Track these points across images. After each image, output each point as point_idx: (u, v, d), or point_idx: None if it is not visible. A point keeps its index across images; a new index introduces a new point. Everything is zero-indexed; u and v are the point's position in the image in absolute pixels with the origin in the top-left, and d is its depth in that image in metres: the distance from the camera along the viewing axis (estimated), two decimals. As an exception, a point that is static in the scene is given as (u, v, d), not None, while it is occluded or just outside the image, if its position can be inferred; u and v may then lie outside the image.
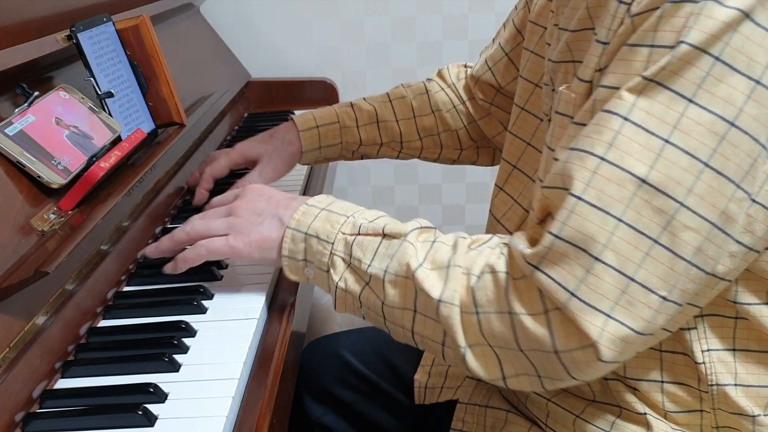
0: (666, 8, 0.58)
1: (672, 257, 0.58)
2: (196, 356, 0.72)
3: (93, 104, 0.90)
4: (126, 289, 0.86)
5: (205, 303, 0.81)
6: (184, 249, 0.84)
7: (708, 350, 0.68)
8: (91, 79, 0.92)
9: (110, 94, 0.94)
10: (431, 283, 0.66)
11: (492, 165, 1.17)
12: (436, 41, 1.81)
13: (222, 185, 1.08)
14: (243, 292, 0.84)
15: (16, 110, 0.78)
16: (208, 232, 0.81)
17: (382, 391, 0.99)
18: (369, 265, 0.71)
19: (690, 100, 0.57)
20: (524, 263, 0.62)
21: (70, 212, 0.78)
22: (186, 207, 1.09)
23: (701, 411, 0.71)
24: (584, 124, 0.62)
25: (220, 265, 0.90)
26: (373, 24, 1.79)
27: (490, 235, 0.71)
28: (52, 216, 0.76)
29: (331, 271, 0.74)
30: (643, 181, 0.57)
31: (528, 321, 0.61)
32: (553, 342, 0.60)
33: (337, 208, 0.77)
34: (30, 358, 0.66)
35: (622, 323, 0.58)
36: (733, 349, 0.68)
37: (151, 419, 0.63)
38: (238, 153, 1.10)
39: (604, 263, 0.58)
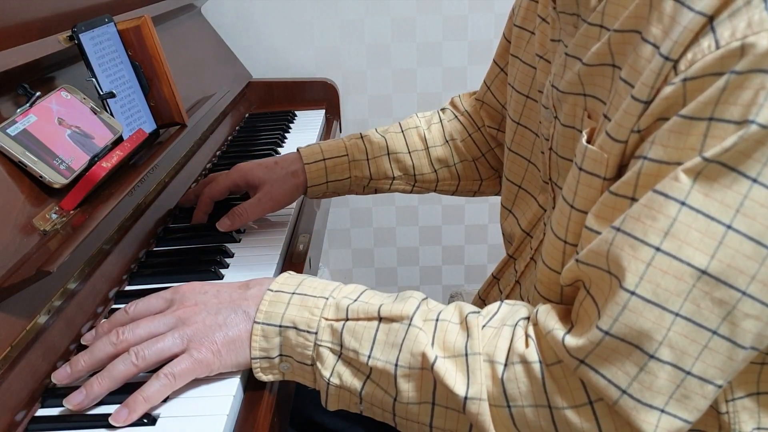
0: (731, 79, 0.51)
1: (731, 347, 0.54)
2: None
3: (95, 104, 0.90)
4: (128, 288, 0.86)
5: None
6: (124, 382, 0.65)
7: (733, 400, 0.64)
8: (93, 79, 0.92)
9: (112, 95, 0.94)
10: (452, 376, 0.60)
11: None
12: (436, 41, 1.81)
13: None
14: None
15: (18, 110, 0.78)
16: (162, 355, 0.65)
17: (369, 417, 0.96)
18: (369, 357, 0.63)
19: (754, 180, 0.51)
20: (566, 355, 0.57)
21: (72, 212, 0.78)
22: (187, 207, 1.10)
23: None
24: (626, 197, 0.57)
25: (221, 264, 0.90)
26: (373, 24, 1.79)
27: (497, 305, 0.65)
28: (54, 216, 0.76)
29: (318, 365, 0.64)
30: (704, 272, 0.53)
31: (571, 415, 0.57)
32: None
33: (309, 290, 0.67)
34: (32, 358, 0.67)
35: (677, 417, 0.55)
36: (757, 393, 0.64)
37: (151, 419, 0.63)
38: (240, 175, 1.02)
39: (659, 360, 0.54)
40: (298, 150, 1.04)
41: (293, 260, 0.96)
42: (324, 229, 1.31)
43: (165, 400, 0.65)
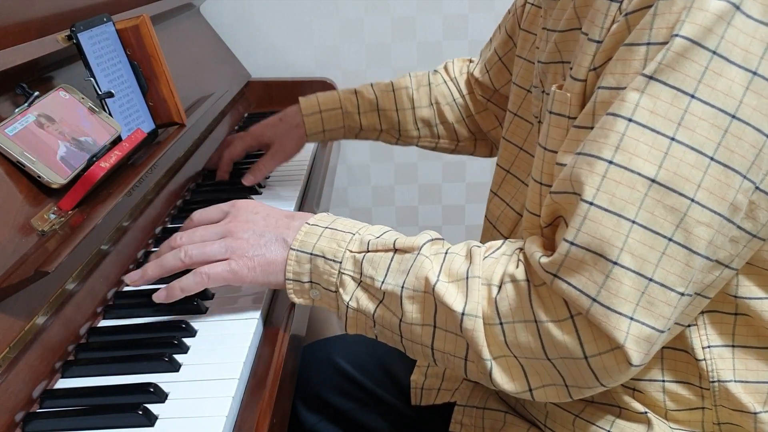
0: (659, 5, 0.58)
1: (687, 253, 0.59)
2: (196, 356, 0.72)
3: (93, 104, 0.90)
4: (126, 289, 0.86)
5: (206, 303, 0.81)
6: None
7: (708, 347, 0.69)
8: (92, 79, 0.92)
9: (110, 94, 0.94)
10: (452, 296, 0.65)
11: (490, 156, 1.21)
12: (436, 41, 1.81)
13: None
14: (243, 290, 0.84)
15: (17, 110, 0.78)
16: (206, 258, 0.75)
17: (378, 398, 0.99)
18: (383, 282, 0.70)
19: (692, 96, 0.57)
20: (542, 272, 0.62)
21: (70, 212, 0.78)
22: (186, 207, 1.10)
23: (702, 408, 0.71)
24: (586, 127, 0.63)
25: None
26: (373, 24, 1.79)
27: (501, 241, 0.71)
28: (53, 216, 0.76)
29: (340, 290, 0.72)
30: (653, 180, 0.58)
31: (554, 328, 0.61)
32: (582, 348, 0.60)
33: (341, 226, 0.75)
34: (30, 358, 0.66)
35: (645, 324, 0.59)
36: (732, 345, 0.69)
37: (151, 419, 0.63)
38: (253, 136, 1.22)
39: (622, 266, 0.58)
40: (298, 100, 1.19)
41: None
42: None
43: (164, 400, 0.65)
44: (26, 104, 0.80)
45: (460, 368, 0.68)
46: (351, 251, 0.72)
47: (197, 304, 0.79)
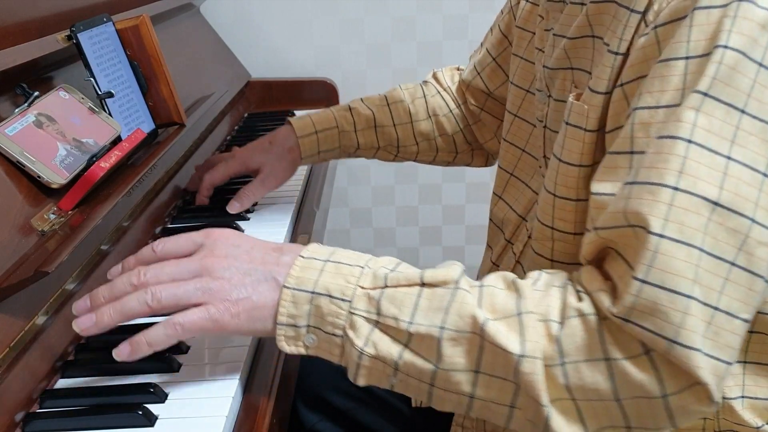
0: (695, 15, 0.56)
1: (750, 277, 0.55)
2: (196, 356, 0.72)
3: (93, 104, 0.90)
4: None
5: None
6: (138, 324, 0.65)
7: None
8: (91, 79, 0.92)
9: (110, 94, 0.94)
10: (504, 336, 0.58)
11: (486, 166, 1.18)
12: (436, 41, 1.81)
13: (223, 192, 1.09)
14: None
15: (17, 110, 0.78)
16: (178, 302, 0.62)
17: (379, 398, 0.98)
18: (410, 323, 0.60)
19: (743, 111, 0.55)
20: (610, 315, 0.57)
21: (70, 212, 0.78)
22: (186, 207, 1.10)
23: (704, 419, 0.69)
24: (625, 152, 0.59)
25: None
26: (373, 24, 1.79)
27: (538, 273, 0.64)
28: (52, 216, 0.76)
29: (350, 334, 0.61)
30: (716, 204, 0.55)
31: (629, 366, 0.56)
32: (660, 385, 0.56)
33: (344, 258, 0.64)
34: (30, 358, 0.66)
35: (713, 356, 0.55)
36: (744, 362, 0.66)
37: (151, 419, 0.63)
38: (239, 162, 1.08)
39: (695, 299, 0.54)
40: (289, 122, 1.09)
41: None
42: (323, 229, 1.30)
43: (164, 401, 0.65)
44: (26, 104, 0.80)
45: (503, 417, 0.60)
46: (363, 287, 0.62)
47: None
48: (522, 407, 0.59)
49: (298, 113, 1.66)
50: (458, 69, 1.17)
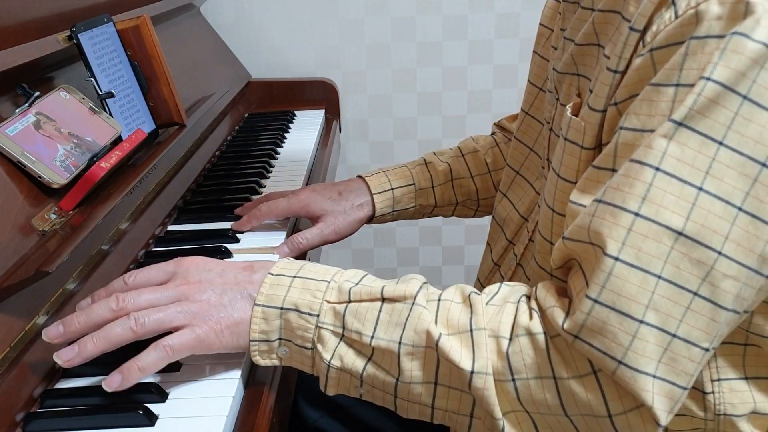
0: (692, 44, 0.55)
1: (713, 308, 0.56)
2: (196, 355, 0.72)
3: (94, 104, 0.90)
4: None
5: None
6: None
7: (718, 380, 0.65)
8: (92, 79, 0.92)
9: (111, 95, 0.94)
10: (457, 352, 0.60)
11: None
12: (436, 41, 1.81)
13: (223, 192, 1.07)
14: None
15: (17, 110, 0.78)
16: (162, 326, 0.64)
17: None
18: (372, 337, 0.63)
19: (720, 143, 0.54)
20: (562, 331, 0.58)
21: (70, 212, 0.78)
22: (187, 207, 1.10)
23: (705, 423, 0.68)
24: (606, 169, 0.60)
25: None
26: (373, 24, 1.79)
27: (497, 285, 0.66)
28: (53, 216, 0.76)
29: (319, 347, 0.64)
30: (680, 233, 0.55)
31: (576, 385, 0.58)
32: (606, 406, 0.57)
33: (311, 273, 0.67)
34: (31, 358, 0.66)
35: (667, 381, 0.56)
36: (745, 378, 0.66)
37: (151, 419, 0.63)
38: (302, 206, 0.98)
39: (647, 324, 0.55)
40: (361, 177, 1.02)
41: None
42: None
43: (165, 400, 0.65)
44: (27, 104, 0.80)
45: (464, 426, 0.63)
46: (329, 302, 0.65)
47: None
48: (479, 417, 0.62)
49: (299, 113, 1.67)
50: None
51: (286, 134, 1.52)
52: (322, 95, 1.75)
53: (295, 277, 0.66)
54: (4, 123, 0.75)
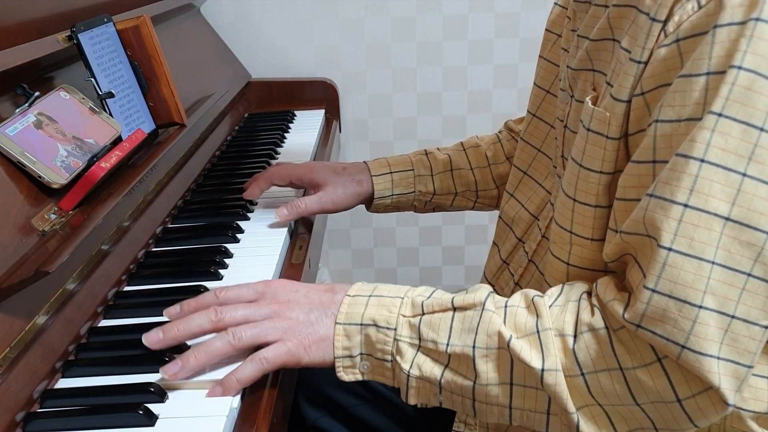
0: (717, 32, 0.57)
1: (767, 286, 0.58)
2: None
3: (93, 104, 0.90)
4: (127, 288, 0.86)
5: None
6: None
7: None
8: (92, 79, 0.92)
9: (111, 95, 0.94)
10: (527, 353, 0.64)
11: None
12: (436, 41, 1.81)
13: (224, 191, 1.10)
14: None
15: (17, 110, 0.78)
16: (258, 340, 0.69)
17: (381, 394, 0.98)
18: (447, 345, 0.67)
19: (761, 129, 0.57)
20: (625, 322, 0.61)
21: (70, 212, 0.78)
22: (187, 207, 1.10)
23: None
24: (646, 162, 0.62)
25: (221, 264, 0.90)
26: (373, 24, 1.79)
27: (558, 288, 0.69)
28: (53, 216, 0.76)
29: (398, 359, 0.68)
30: (727, 219, 0.57)
31: (642, 374, 0.60)
32: (674, 391, 0.59)
33: (385, 292, 0.72)
34: (31, 358, 0.66)
35: (731, 361, 0.58)
36: (765, 376, 0.66)
37: (151, 418, 0.63)
38: (306, 170, 1.07)
39: (706, 309, 0.58)
40: (364, 162, 1.08)
41: (293, 260, 0.96)
42: (324, 230, 1.31)
43: (165, 400, 0.65)
44: (27, 104, 0.80)
45: (542, 424, 0.66)
46: (404, 316, 0.69)
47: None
48: (555, 413, 0.64)
49: (298, 113, 1.67)
50: None
51: (286, 134, 1.52)
52: (322, 95, 1.75)
53: (370, 296, 0.71)
54: (4, 123, 0.75)
